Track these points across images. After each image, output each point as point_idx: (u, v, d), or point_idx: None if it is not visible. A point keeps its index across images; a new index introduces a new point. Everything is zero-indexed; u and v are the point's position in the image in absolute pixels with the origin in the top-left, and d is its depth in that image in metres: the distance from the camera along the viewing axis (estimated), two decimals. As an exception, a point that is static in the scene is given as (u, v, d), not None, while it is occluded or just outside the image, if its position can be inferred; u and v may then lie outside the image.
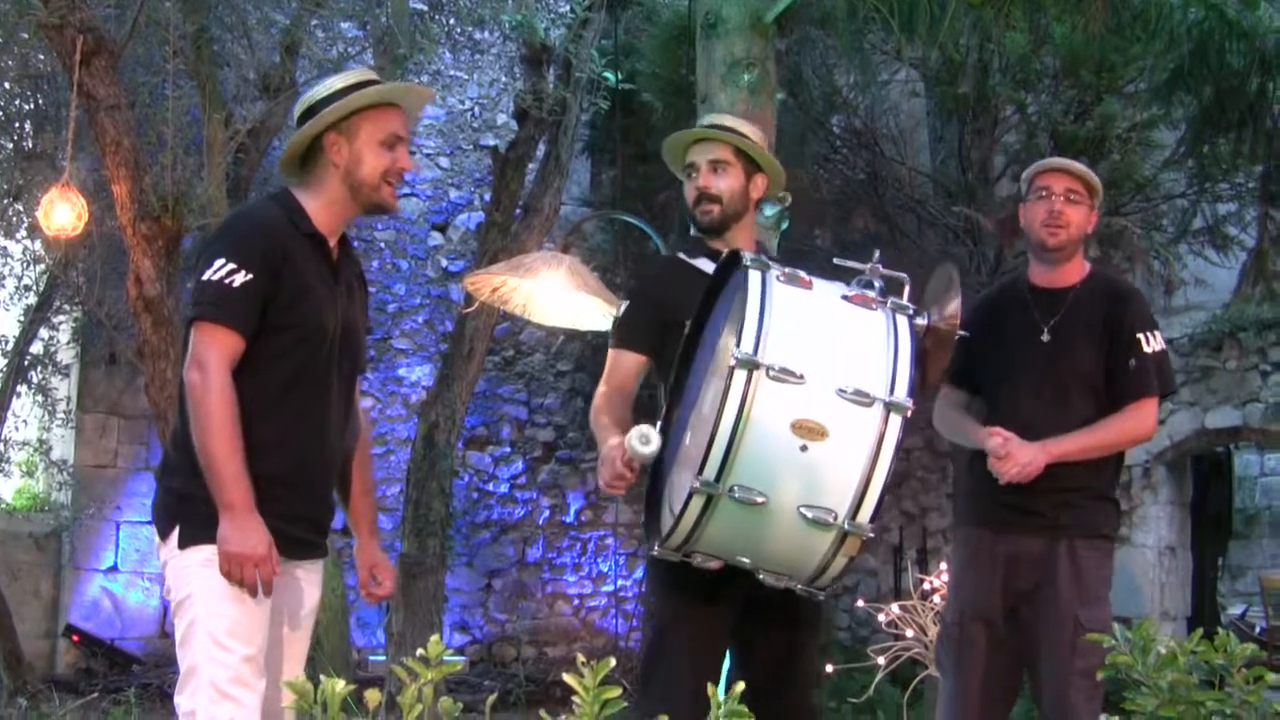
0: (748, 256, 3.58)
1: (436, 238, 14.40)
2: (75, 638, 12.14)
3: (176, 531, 3.67)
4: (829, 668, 8.76)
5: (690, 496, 3.37)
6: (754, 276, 3.49)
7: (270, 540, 3.57)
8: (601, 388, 4.33)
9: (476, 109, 14.60)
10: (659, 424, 3.88)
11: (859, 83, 11.50)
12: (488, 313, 10.11)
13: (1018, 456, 4.62)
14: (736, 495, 3.34)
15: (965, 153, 11.30)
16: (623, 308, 4.41)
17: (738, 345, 3.34)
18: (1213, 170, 10.30)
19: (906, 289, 3.71)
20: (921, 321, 3.68)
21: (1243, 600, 15.28)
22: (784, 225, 5.70)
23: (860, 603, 9.39)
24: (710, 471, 3.33)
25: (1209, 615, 12.57)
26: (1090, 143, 10.54)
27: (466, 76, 13.82)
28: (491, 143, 13.43)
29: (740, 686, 2.50)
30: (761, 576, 3.57)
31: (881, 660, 7.75)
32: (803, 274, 3.59)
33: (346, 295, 3.94)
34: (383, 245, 14.05)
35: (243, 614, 3.58)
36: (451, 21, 11.17)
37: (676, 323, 4.04)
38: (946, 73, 10.92)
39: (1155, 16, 7.57)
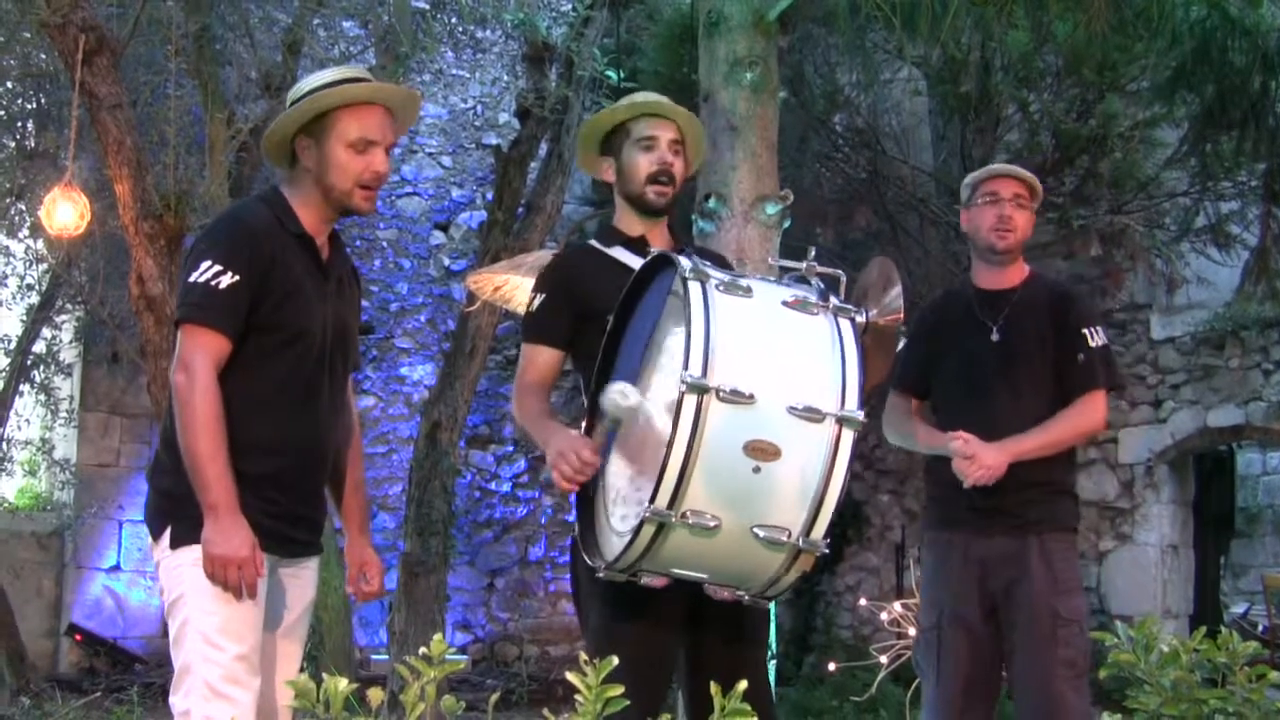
0: (686, 266, 3.41)
1: (439, 236, 14.41)
2: (78, 637, 12.16)
3: (168, 531, 3.65)
4: (832, 666, 8.77)
5: (641, 525, 3.27)
6: (695, 289, 3.35)
7: (254, 541, 3.54)
8: (518, 385, 4.15)
9: (479, 107, 14.61)
10: (582, 424, 3.79)
11: (861, 81, 11.49)
12: (490, 311, 10.11)
13: (983, 459, 4.67)
14: (690, 521, 3.24)
15: (967, 151, 11.29)
16: (535, 300, 4.17)
17: (685, 367, 3.21)
18: (1215, 168, 10.29)
19: (842, 285, 3.64)
20: (860, 319, 3.58)
21: (1245, 599, 15.28)
22: (785, 224, 5.71)
23: (863, 601, 9.42)
24: (663, 500, 3.22)
25: (1211, 614, 12.57)
26: (1092, 141, 10.54)
27: (468, 75, 13.85)
28: (494, 141, 13.46)
29: (743, 684, 2.49)
30: (708, 589, 3.50)
31: (884, 659, 7.76)
32: (741, 280, 3.46)
33: (337, 294, 3.89)
34: (385, 244, 14.06)
35: (234, 613, 3.56)
36: (453, 20, 11.18)
37: (594, 314, 3.91)
38: (948, 71, 10.91)
39: (1157, 14, 7.54)
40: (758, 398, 3.26)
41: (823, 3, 8.10)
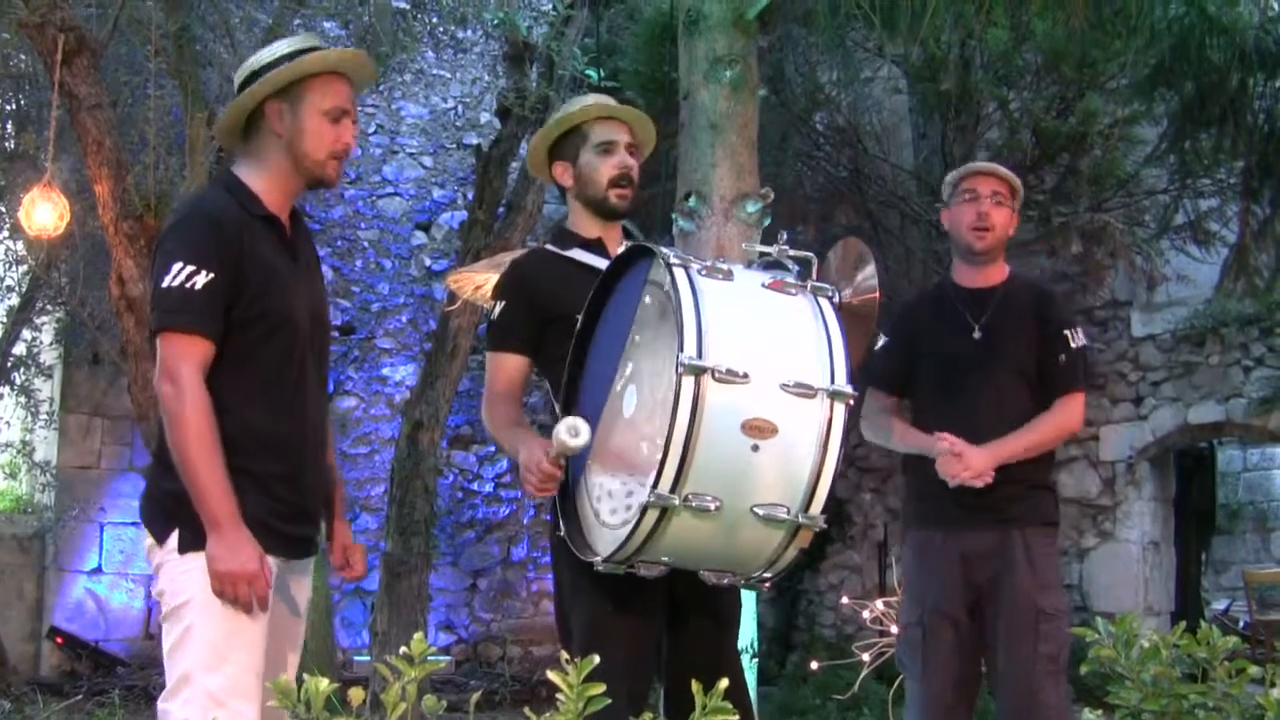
0: (668, 253, 3.43)
1: (420, 236, 14.40)
2: (59, 640, 12.12)
3: (175, 535, 3.51)
4: (814, 665, 8.77)
5: (644, 512, 3.28)
6: (680, 274, 3.37)
7: (261, 553, 3.46)
8: (487, 394, 4.15)
9: (459, 107, 14.59)
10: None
11: (841, 79, 11.51)
12: (471, 311, 10.11)
13: (972, 464, 4.71)
14: (692, 504, 3.26)
15: (948, 149, 11.32)
16: (496, 308, 4.16)
17: (681, 350, 3.23)
18: (1194, 166, 10.31)
19: (814, 267, 3.65)
20: (835, 300, 3.60)
21: (1226, 595, 15.35)
22: (766, 222, 5.71)
23: (845, 600, 9.42)
24: (665, 485, 3.23)
25: (1193, 610, 12.62)
26: (1072, 138, 10.57)
27: (449, 75, 13.85)
28: (474, 141, 13.46)
29: (724, 683, 2.50)
30: (703, 575, 3.51)
31: (866, 657, 7.77)
32: (721, 264, 3.50)
33: (307, 275, 3.79)
34: (366, 244, 14.05)
35: (243, 622, 3.46)
36: (434, 20, 11.19)
37: (558, 318, 3.91)
38: (928, 69, 10.94)
39: (1136, 12, 7.55)
40: (751, 376, 3.29)
41: (803, 1, 8.11)
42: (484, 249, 10.30)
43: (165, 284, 3.48)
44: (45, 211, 8.01)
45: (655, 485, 3.24)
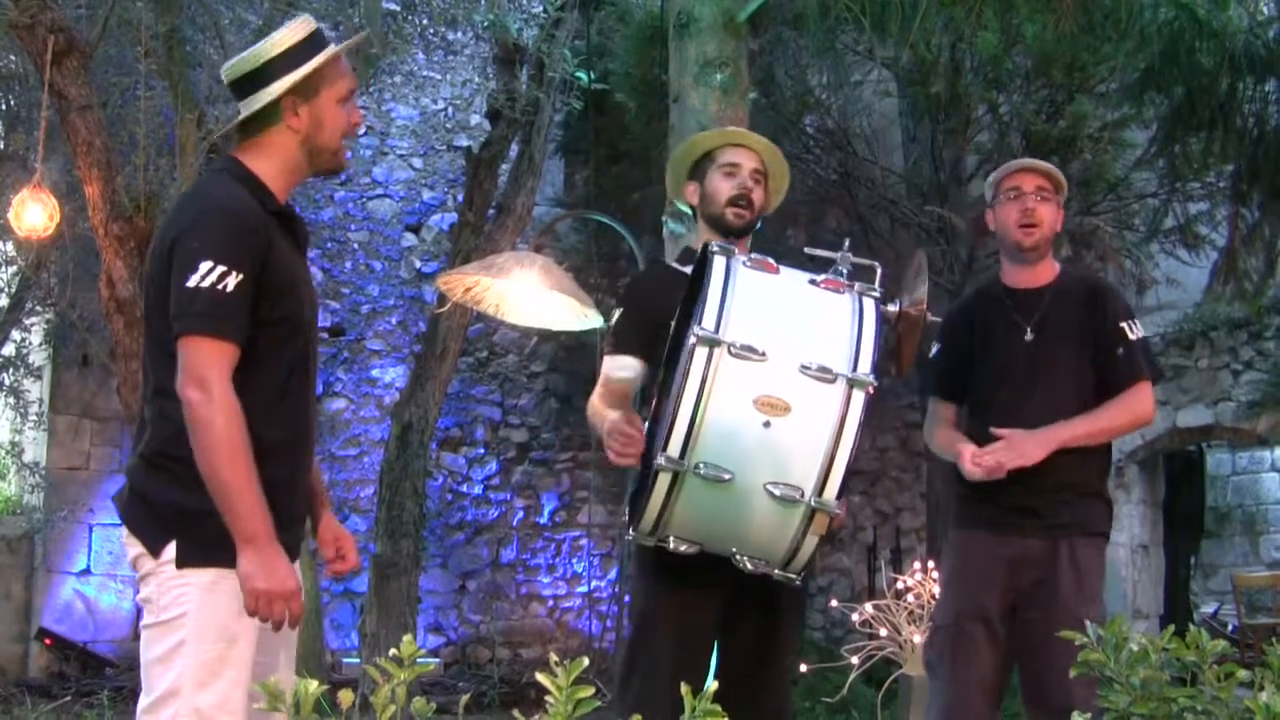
0: (715, 245, 3.63)
1: (410, 239, 14.39)
2: (48, 641, 12.10)
3: (172, 546, 3.37)
4: (803, 667, 8.75)
5: (656, 474, 3.39)
6: (718, 261, 3.54)
7: (295, 572, 3.38)
8: (598, 391, 4.37)
9: (449, 109, 14.58)
10: (645, 419, 3.95)
11: (831, 83, 11.54)
12: (461, 313, 10.12)
13: (1024, 450, 4.62)
14: (702, 472, 3.36)
15: (938, 152, 11.34)
16: (615, 315, 4.44)
17: (699, 323, 3.37)
18: (1184, 169, 10.35)
19: (878, 275, 3.72)
20: (893, 308, 3.71)
21: (1215, 599, 15.34)
22: (757, 226, 5.71)
23: (834, 602, 9.41)
24: (675, 448, 3.35)
25: (1181, 613, 12.63)
26: (1062, 142, 10.59)
27: (439, 77, 13.82)
28: (465, 143, 13.45)
29: (713, 685, 2.50)
30: (739, 561, 3.57)
31: (855, 660, 7.76)
32: (770, 260, 3.63)
33: (308, 273, 3.70)
34: (356, 246, 14.04)
35: (238, 640, 3.37)
36: (424, 21, 11.17)
37: (664, 325, 4.07)
38: (919, 73, 10.95)
39: (1126, 16, 7.58)
40: (770, 356, 3.40)
41: (793, 4, 8.12)
42: (474, 251, 10.30)
43: (193, 284, 3.29)
44: (35, 212, 8.00)
45: (665, 447, 3.35)
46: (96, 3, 8.97)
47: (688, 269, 4.27)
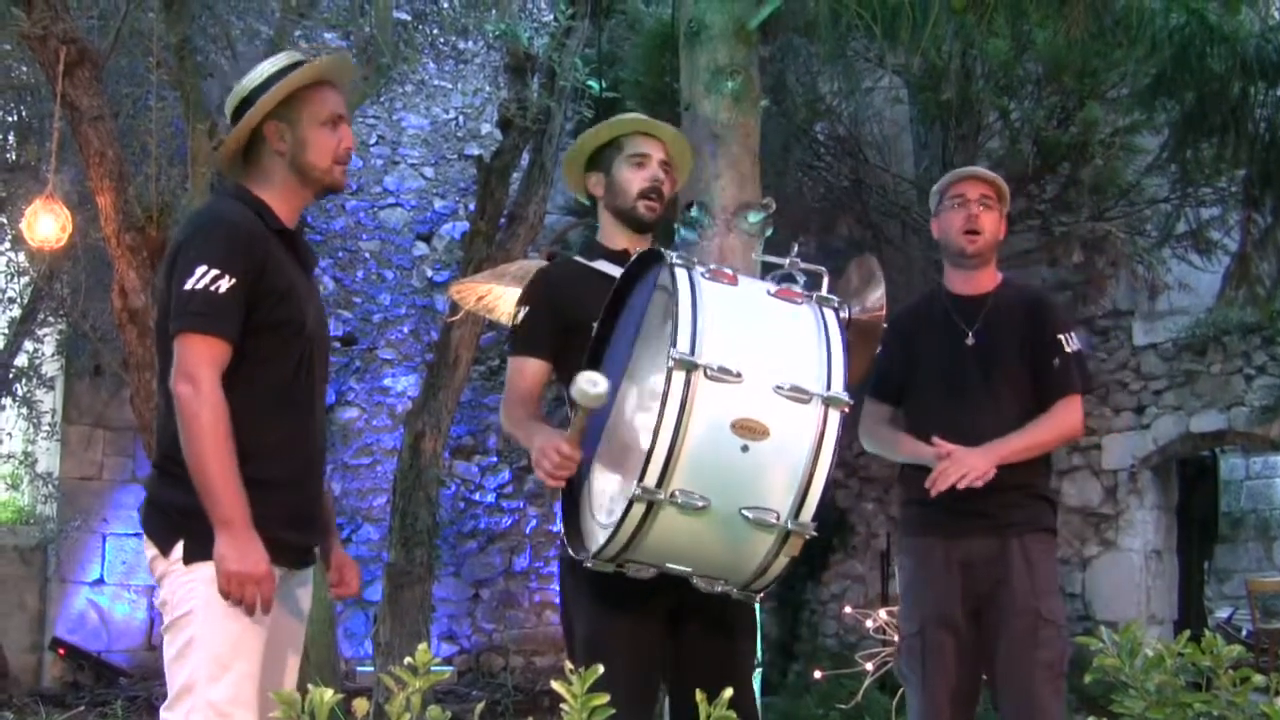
0: (672, 254, 3.47)
1: (421, 247, 14.41)
2: (61, 651, 12.12)
3: (180, 545, 3.52)
4: (817, 674, 8.76)
5: (630, 505, 3.26)
6: (681, 274, 3.39)
7: (268, 558, 3.46)
8: (506, 397, 4.18)
9: (460, 118, 14.61)
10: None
11: (842, 89, 11.53)
12: (473, 322, 10.11)
13: (969, 462, 4.66)
14: (678, 500, 3.24)
15: (949, 159, 11.31)
16: (519, 314, 4.22)
17: (674, 345, 3.23)
18: (1195, 175, 10.33)
19: (825, 281, 3.66)
20: (844, 314, 3.61)
21: (1229, 604, 15.29)
22: (768, 233, 5.70)
23: (848, 609, 9.41)
24: (651, 478, 3.22)
25: (1196, 619, 12.59)
26: (1073, 148, 10.58)
27: (450, 86, 13.86)
28: (476, 152, 13.47)
29: (729, 693, 2.49)
30: (695, 582, 3.47)
31: (870, 666, 7.76)
32: (726, 269, 3.52)
33: (311, 287, 3.85)
34: (367, 255, 14.06)
35: (244, 632, 3.47)
36: (435, 31, 11.20)
37: (578, 325, 3.94)
38: (929, 79, 10.94)
39: (1137, 22, 7.58)
40: (745, 377, 3.28)
41: (804, 11, 8.13)
42: (485, 260, 10.30)
43: (189, 286, 3.49)
44: (47, 223, 8.02)
45: (642, 478, 3.22)
46: (108, 14, 9.00)
47: (596, 264, 4.21)
